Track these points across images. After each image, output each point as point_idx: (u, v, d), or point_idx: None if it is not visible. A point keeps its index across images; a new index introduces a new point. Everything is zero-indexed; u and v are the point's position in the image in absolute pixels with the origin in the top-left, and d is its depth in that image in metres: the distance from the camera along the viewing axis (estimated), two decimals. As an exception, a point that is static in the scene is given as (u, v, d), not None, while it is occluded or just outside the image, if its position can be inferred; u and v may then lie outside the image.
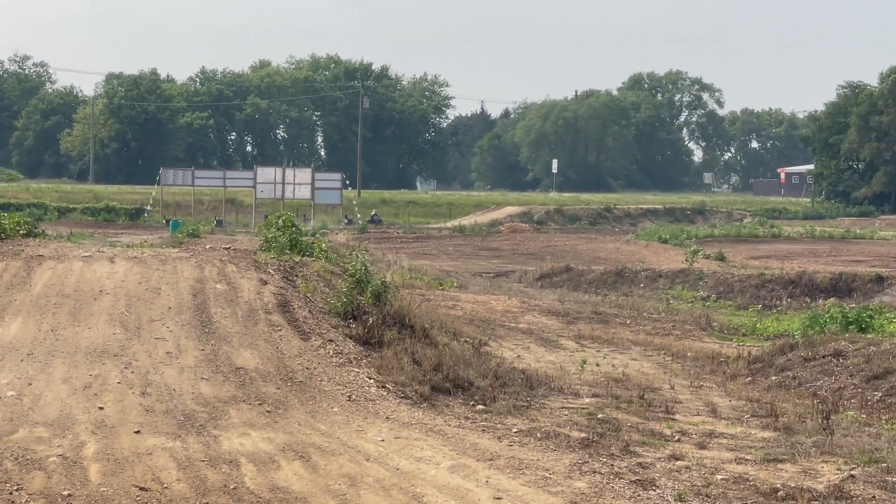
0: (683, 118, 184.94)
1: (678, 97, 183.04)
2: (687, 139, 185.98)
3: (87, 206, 71.70)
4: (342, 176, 76.46)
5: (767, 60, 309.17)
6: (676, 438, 13.53)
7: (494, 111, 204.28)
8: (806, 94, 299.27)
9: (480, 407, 14.59)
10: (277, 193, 70.34)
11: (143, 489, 10.51)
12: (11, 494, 10.21)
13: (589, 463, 12.03)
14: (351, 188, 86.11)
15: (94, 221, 64.86)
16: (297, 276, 18.46)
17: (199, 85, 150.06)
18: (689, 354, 21.30)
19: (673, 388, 17.34)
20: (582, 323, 25.76)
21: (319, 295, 17.73)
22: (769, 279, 35.20)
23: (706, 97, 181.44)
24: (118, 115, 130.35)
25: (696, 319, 27.49)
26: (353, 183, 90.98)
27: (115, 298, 16.71)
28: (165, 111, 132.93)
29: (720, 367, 19.79)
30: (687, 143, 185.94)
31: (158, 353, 14.88)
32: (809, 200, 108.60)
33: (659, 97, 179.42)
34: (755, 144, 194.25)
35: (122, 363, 14.38)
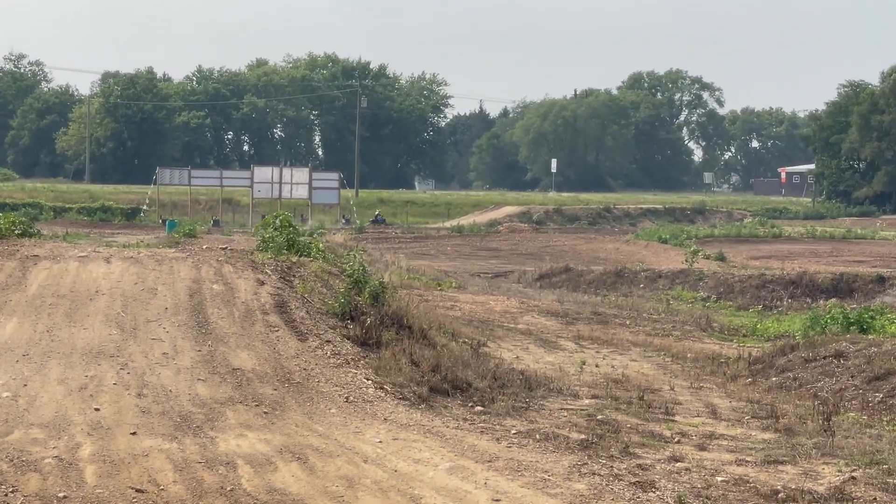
0: (683, 117, 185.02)
1: (678, 96, 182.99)
2: (687, 138, 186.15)
3: (82, 205, 71.44)
4: (340, 175, 76.28)
5: (768, 59, 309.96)
6: (676, 440, 13.52)
7: (493, 110, 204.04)
8: (807, 93, 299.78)
9: (479, 408, 14.57)
10: (275, 193, 70.24)
11: (139, 491, 10.47)
12: (6, 496, 10.19)
13: (588, 464, 12.01)
14: (349, 188, 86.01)
15: (89, 221, 64.67)
16: (294, 276, 18.44)
17: (195, 84, 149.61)
18: (689, 355, 21.29)
19: (673, 389, 17.33)
20: (581, 324, 25.73)
21: (317, 295, 17.71)
22: (770, 279, 35.17)
23: (706, 96, 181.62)
24: (114, 114, 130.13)
25: (696, 320, 27.47)
26: (350, 182, 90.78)
27: (111, 299, 16.68)
28: (162, 110, 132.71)
29: (720, 368, 19.79)
30: (687, 142, 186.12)
31: (155, 353, 14.85)
32: (810, 200, 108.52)
33: (659, 96, 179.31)
34: (755, 144, 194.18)
35: (118, 364, 14.35)
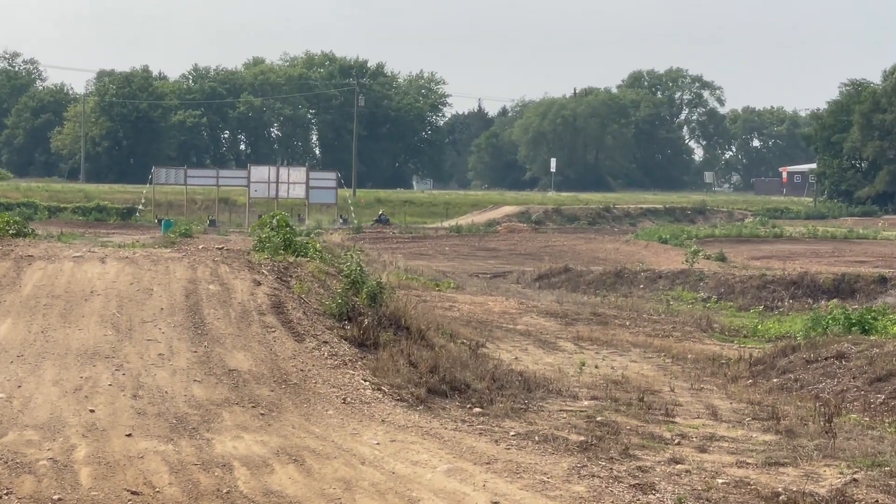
0: (684, 116, 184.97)
1: (678, 95, 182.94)
2: (687, 138, 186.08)
3: (77, 205, 71.43)
4: (337, 175, 76.26)
5: (769, 58, 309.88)
6: (676, 442, 13.51)
7: (492, 109, 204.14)
8: (808, 91, 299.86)
9: (477, 410, 14.57)
10: (271, 193, 70.19)
11: (134, 493, 10.47)
12: (1, 499, 10.21)
13: (588, 466, 12.01)
14: (346, 187, 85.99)
15: (84, 221, 64.70)
16: (291, 276, 18.41)
17: (191, 82, 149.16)
18: (689, 356, 21.30)
19: (673, 390, 17.32)
20: (581, 324, 25.71)
21: (314, 296, 17.69)
22: (771, 280, 35.17)
23: (707, 95, 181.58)
24: (109, 113, 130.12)
25: (696, 321, 27.46)
26: (348, 182, 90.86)
27: (106, 299, 16.65)
28: (157, 109, 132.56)
29: (721, 369, 19.79)
30: (687, 141, 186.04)
31: (150, 354, 14.82)
32: (812, 200, 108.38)
33: (659, 95, 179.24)
34: (756, 143, 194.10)
35: (113, 365, 14.34)
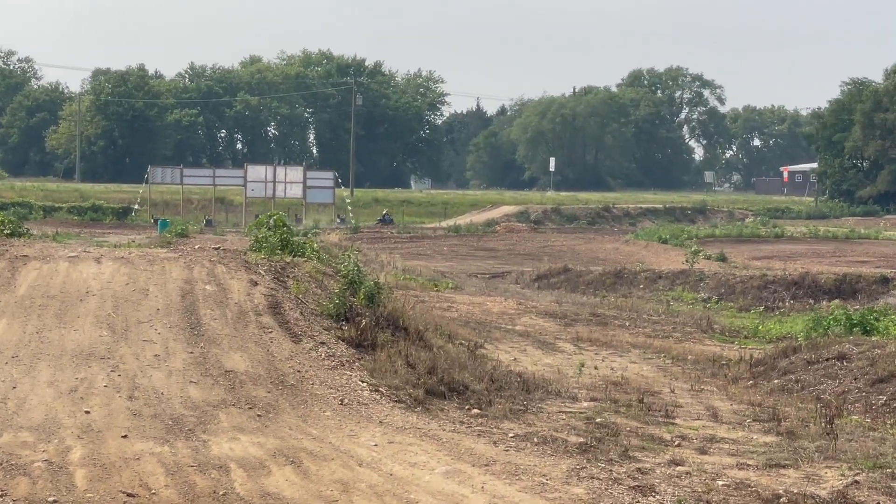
0: (684, 115, 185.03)
1: (678, 94, 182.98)
2: (687, 137, 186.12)
3: (73, 205, 71.34)
4: (335, 174, 76.23)
5: (769, 56, 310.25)
6: (676, 443, 13.48)
7: (490, 108, 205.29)
8: (809, 90, 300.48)
9: (476, 411, 14.54)
10: (268, 192, 70.14)
11: (130, 495, 10.45)
12: (-5, 501, 10.12)
13: (587, 468, 11.99)
14: (343, 187, 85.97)
15: (80, 221, 64.56)
16: (288, 276, 18.36)
17: (187, 81, 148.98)
18: (689, 357, 21.29)
19: (673, 391, 17.30)
20: (580, 325, 25.70)
21: (311, 296, 17.64)
22: (771, 280, 35.14)
23: (707, 94, 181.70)
24: (105, 111, 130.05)
25: (696, 321, 27.44)
26: (345, 182, 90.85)
27: (101, 300, 16.60)
28: (153, 108, 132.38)
29: (721, 370, 19.76)
30: (687, 140, 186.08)
31: (146, 355, 14.78)
32: (813, 200, 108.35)
33: (659, 94, 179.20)
34: (757, 142, 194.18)
35: (108, 366, 14.29)
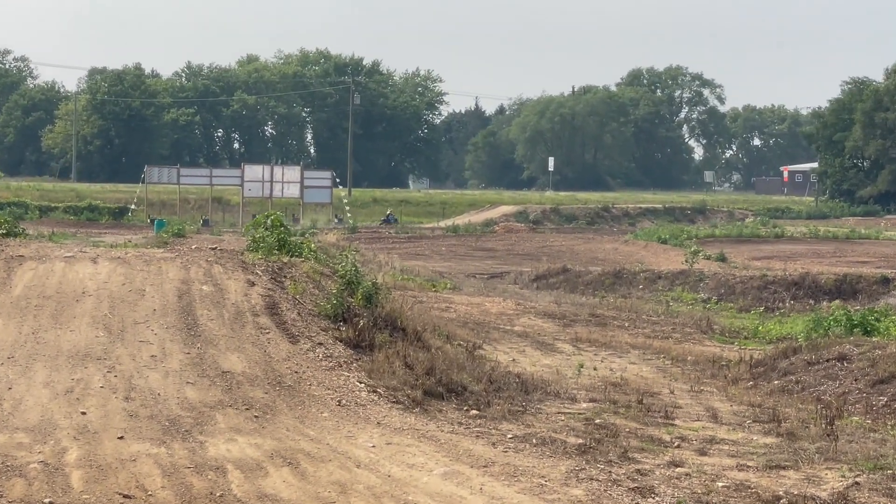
0: (683, 115, 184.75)
1: (678, 93, 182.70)
2: (687, 136, 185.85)
3: (69, 204, 71.19)
4: (332, 174, 76.21)
5: (770, 55, 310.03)
6: (676, 444, 13.47)
7: (489, 107, 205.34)
8: (809, 90, 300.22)
9: (474, 412, 14.52)
10: (265, 192, 70.09)
11: (126, 497, 10.42)
12: (-9, 502, 10.10)
13: (586, 470, 11.96)
14: (341, 187, 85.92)
15: (76, 221, 64.50)
16: (285, 277, 18.33)
17: (184, 80, 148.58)
18: (689, 358, 21.29)
19: (672, 392, 17.28)
20: (579, 326, 25.70)
21: (308, 297, 17.61)
22: (772, 281, 35.13)
23: (707, 93, 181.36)
24: (101, 111, 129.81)
25: (696, 322, 27.44)
26: (343, 181, 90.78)
27: (97, 300, 16.57)
28: (150, 107, 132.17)
29: (721, 371, 19.76)
30: (687, 140, 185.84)
31: (143, 356, 14.75)
32: (813, 199, 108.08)
33: (658, 93, 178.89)
34: (757, 142, 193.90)
35: (105, 367, 14.27)
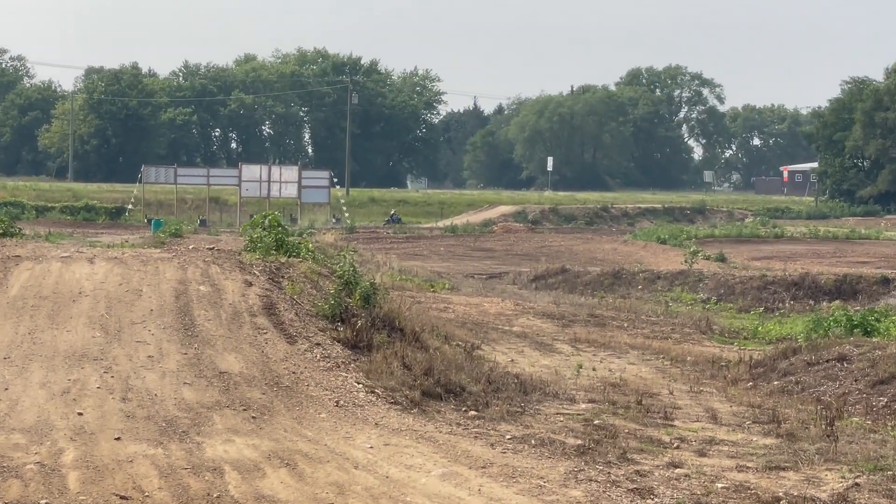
0: (683, 114, 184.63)
1: (677, 93, 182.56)
2: (686, 136, 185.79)
3: (65, 204, 71.09)
4: (330, 174, 76.20)
5: (769, 55, 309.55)
6: (675, 445, 13.44)
7: (487, 107, 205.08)
8: (809, 89, 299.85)
9: (473, 413, 14.48)
10: (263, 192, 69.91)
11: (123, 498, 10.39)
12: (-14, 504, 10.07)
13: (585, 471, 11.94)
14: (339, 186, 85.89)
15: (73, 221, 64.39)
16: (283, 277, 18.29)
17: (181, 79, 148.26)
18: (688, 358, 21.28)
19: (672, 393, 17.26)
20: (578, 326, 25.69)
21: (306, 297, 17.56)
22: (771, 281, 35.14)
23: (706, 93, 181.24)
24: (98, 110, 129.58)
25: (695, 322, 27.44)
26: (341, 181, 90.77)
27: (94, 300, 16.52)
28: (147, 107, 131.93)
29: (720, 371, 19.75)
30: (686, 140, 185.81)
31: (139, 357, 14.70)
32: (813, 199, 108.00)
33: (657, 93, 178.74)
34: (757, 141, 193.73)
35: (101, 367, 14.22)
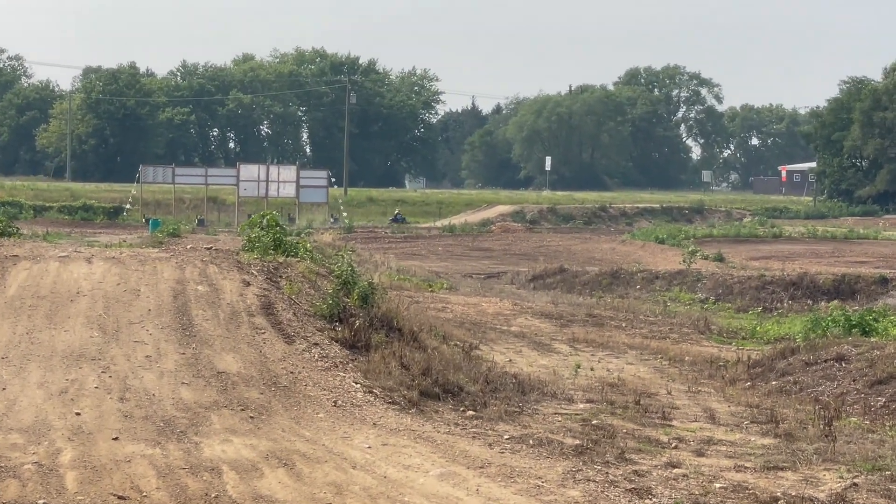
0: (681, 114, 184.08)
1: (676, 92, 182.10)
2: (685, 136, 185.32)
3: (63, 204, 70.93)
4: (328, 174, 76.09)
5: (768, 55, 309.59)
6: (673, 445, 13.42)
7: (486, 107, 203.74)
8: (808, 89, 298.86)
9: (471, 413, 14.45)
10: (261, 192, 69.84)
11: (121, 498, 10.38)
12: (-16, 503, 10.06)
13: (583, 471, 11.93)
14: (337, 186, 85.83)
15: (71, 220, 64.33)
16: (281, 277, 18.26)
17: (179, 79, 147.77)
18: (686, 358, 21.25)
19: (670, 393, 17.24)
20: (576, 326, 25.67)
21: (304, 297, 17.54)
22: (770, 281, 35.13)
23: (704, 92, 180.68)
24: (96, 110, 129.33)
25: (693, 322, 27.43)
26: (339, 181, 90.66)
27: (92, 300, 16.48)
28: (145, 106, 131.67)
29: (719, 371, 19.73)
30: (685, 139, 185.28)
31: (137, 356, 14.67)
32: (811, 199, 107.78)
33: (656, 92, 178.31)
34: (755, 141, 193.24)
35: (99, 367, 14.19)
